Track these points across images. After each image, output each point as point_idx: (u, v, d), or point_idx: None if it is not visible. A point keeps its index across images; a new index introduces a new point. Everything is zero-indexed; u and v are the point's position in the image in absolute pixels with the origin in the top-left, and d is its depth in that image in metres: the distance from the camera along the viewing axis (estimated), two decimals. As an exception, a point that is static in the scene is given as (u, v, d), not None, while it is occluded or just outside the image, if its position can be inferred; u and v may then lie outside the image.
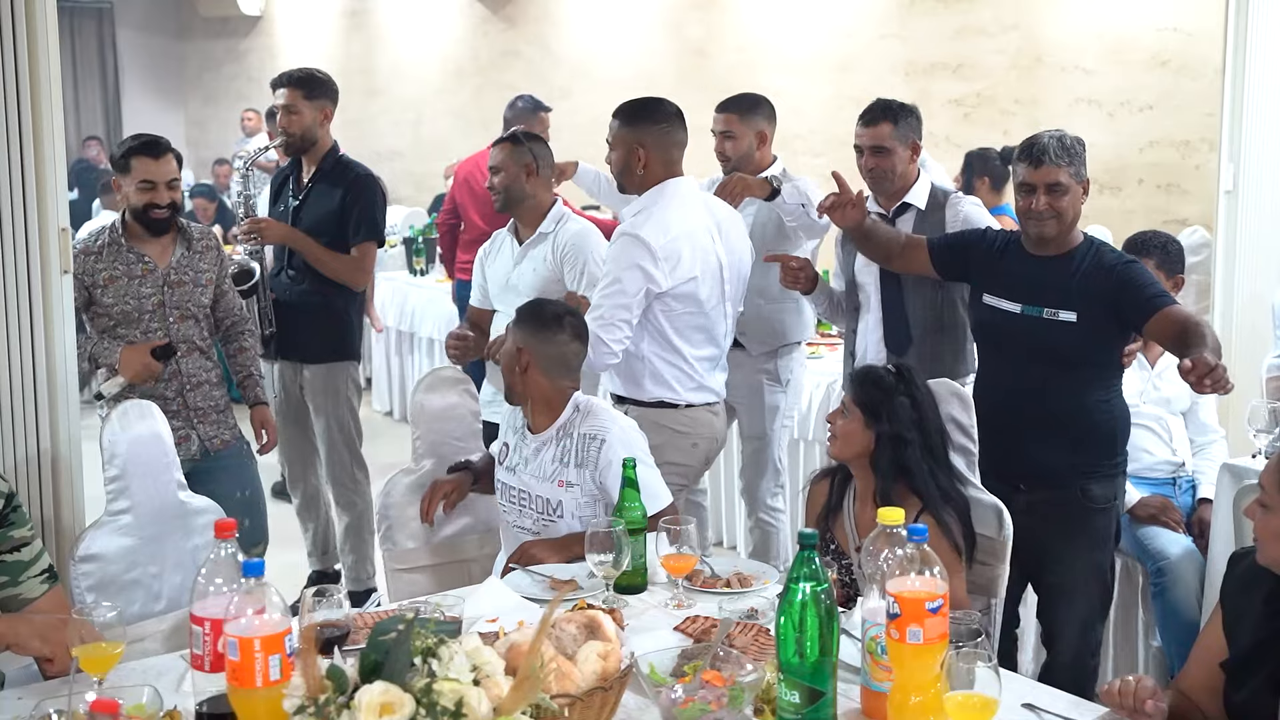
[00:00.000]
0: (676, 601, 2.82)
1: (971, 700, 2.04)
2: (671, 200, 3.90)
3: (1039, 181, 3.45)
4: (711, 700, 2.08)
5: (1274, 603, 2.27)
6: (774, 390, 4.68)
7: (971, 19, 8.12)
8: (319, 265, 4.86)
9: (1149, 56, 7.27)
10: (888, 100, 4.13)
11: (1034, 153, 3.47)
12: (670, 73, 10.04)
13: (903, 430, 3.09)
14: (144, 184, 4.05)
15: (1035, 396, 3.48)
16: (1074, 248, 3.53)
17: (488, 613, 2.64)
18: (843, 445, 3.13)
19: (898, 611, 2.10)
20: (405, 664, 1.87)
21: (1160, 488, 4.15)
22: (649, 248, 3.79)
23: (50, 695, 2.20)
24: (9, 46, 3.41)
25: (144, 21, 15.67)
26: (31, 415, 3.51)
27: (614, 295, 3.78)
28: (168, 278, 4.12)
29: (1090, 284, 3.45)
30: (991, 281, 3.62)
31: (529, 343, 3.32)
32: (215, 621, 2.07)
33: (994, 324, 3.61)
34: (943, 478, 3.11)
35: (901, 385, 3.14)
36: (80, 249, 4.05)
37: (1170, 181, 7.27)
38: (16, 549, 2.67)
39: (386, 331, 8.38)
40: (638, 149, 3.90)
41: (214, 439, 4.18)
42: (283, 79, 4.93)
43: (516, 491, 3.36)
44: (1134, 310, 3.43)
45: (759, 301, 4.55)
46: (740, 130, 4.61)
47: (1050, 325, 3.47)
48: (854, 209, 3.81)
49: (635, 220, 3.88)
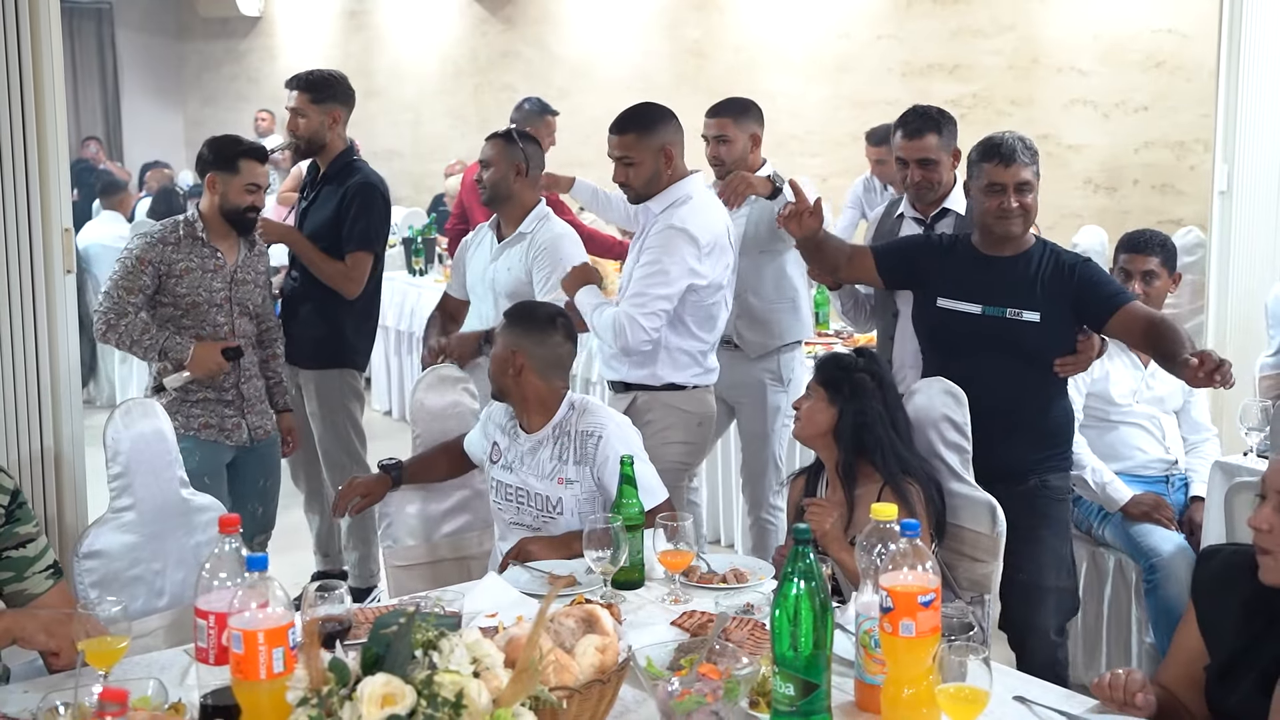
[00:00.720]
0: (674, 597, 2.85)
1: (963, 692, 2.07)
2: (703, 194, 4.03)
3: (1010, 181, 3.46)
4: (707, 693, 2.11)
5: (1253, 605, 2.29)
6: (776, 390, 4.71)
7: (968, 20, 8.15)
8: (313, 269, 4.86)
9: (1144, 58, 7.31)
10: (925, 108, 4.10)
11: (1003, 152, 3.47)
12: (668, 74, 10.08)
13: (864, 403, 3.19)
14: (251, 186, 4.27)
15: (995, 396, 3.46)
16: (1029, 247, 3.56)
17: (487, 608, 2.67)
18: (806, 424, 3.25)
19: (890, 605, 2.13)
20: (406, 656, 1.90)
21: (1153, 486, 4.18)
22: (697, 241, 3.88)
23: (56, 688, 2.22)
24: (13, 48, 3.44)
25: (143, 22, 15.68)
26: (35, 413, 3.55)
27: (658, 284, 3.86)
28: (235, 275, 4.30)
29: (1052, 284, 3.49)
30: (945, 285, 3.60)
31: (522, 345, 3.34)
32: (219, 615, 2.09)
33: (950, 326, 3.59)
34: (904, 451, 3.19)
35: (863, 363, 3.26)
36: (158, 238, 4.21)
37: (1165, 182, 7.31)
38: (22, 545, 2.70)
39: (386, 331, 8.40)
40: (663, 152, 3.96)
41: (259, 428, 4.38)
42: (292, 81, 4.94)
43: (514, 489, 3.38)
44: (1096, 307, 3.50)
45: (753, 302, 4.60)
46: (735, 134, 4.64)
47: (1013, 325, 3.49)
48: (811, 217, 3.73)
49: (679, 214, 3.92)
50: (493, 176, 4.33)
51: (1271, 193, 5.23)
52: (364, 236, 4.81)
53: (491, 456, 3.47)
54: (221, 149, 4.31)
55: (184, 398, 4.20)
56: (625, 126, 3.98)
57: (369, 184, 4.86)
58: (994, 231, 3.54)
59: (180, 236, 4.23)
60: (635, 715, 2.28)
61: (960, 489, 3.30)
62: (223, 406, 4.27)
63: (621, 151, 3.98)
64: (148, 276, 4.15)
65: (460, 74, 12.15)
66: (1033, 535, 3.53)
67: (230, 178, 4.24)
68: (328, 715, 1.84)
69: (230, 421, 4.28)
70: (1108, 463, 4.13)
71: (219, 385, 4.25)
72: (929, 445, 3.36)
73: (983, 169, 3.51)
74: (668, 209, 3.94)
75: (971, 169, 3.58)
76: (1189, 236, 6.20)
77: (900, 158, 4.08)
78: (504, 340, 3.38)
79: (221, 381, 4.25)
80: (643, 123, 3.98)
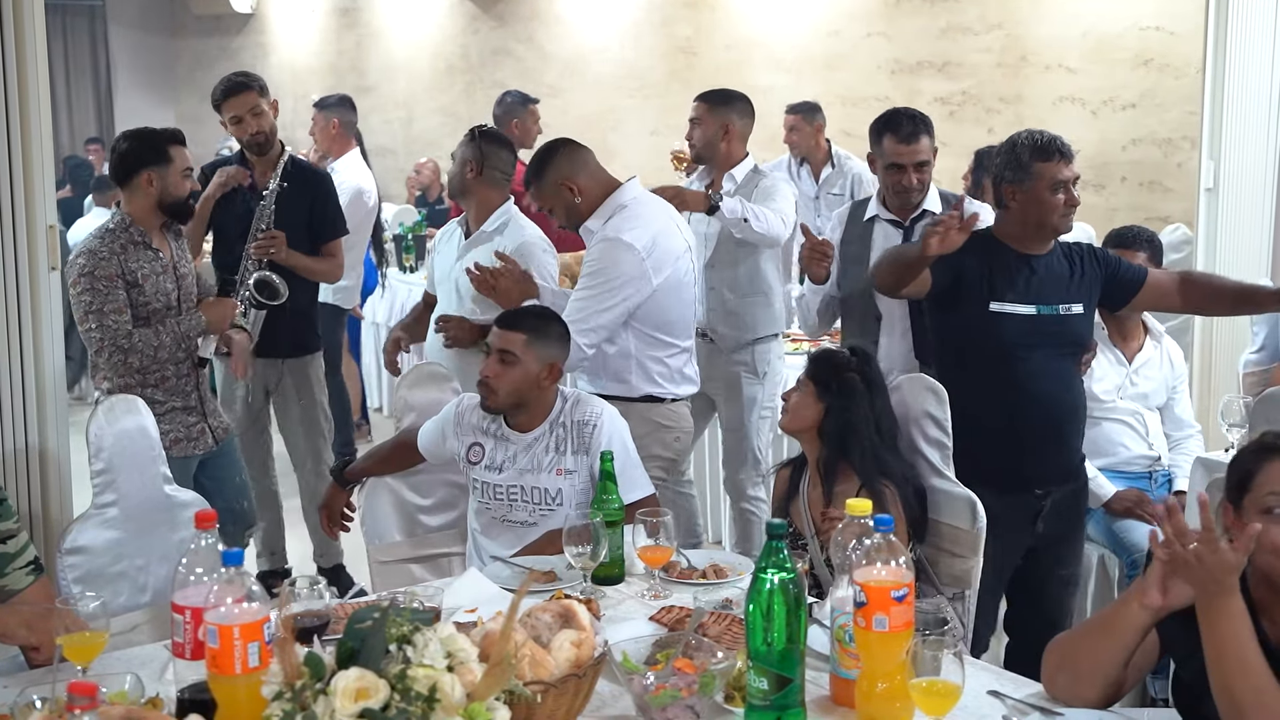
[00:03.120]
0: (653, 592, 2.86)
1: (936, 687, 2.09)
2: (639, 198, 4.00)
3: (1069, 177, 3.48)
4: (683, 687, 2.13)
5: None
6: (751, 382, 4.74)
7: (957, 18, 8.16)
8: (307, 273, 4.95)
9: (1132, 55, 7.32)
10: (912, 111, 4.11)
11: (1062, 148, 3.50)
12: (659, 71, 10.08)
13: (851, 402, 3.20)
14: (186, 171, 4.17)
15: (1054, 395, 3.54)
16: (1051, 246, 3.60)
17: (466, 603, 2.68)
18: (792, 417, 3.26)
19: (864, 600, 2.15)
20: (380, 651, 1.91)
21: (1136, 482, 4.20)
22: (633, 248, 3.84)
23: (34, 683, 2.24)
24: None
25: (136, 19, 15.65)
26: (19, 410, 3.55)
27: (597, 299, 3.82)
28: (176, 269, 4.20)
29: (1084, 273, 3.56)
30: (995, 288, 3.51)
31: (558, 356, 3.37)
32: (196, 610, 2.11)
33: (1007, 331, 3.50)
34: (885, 455, 3.20)
35: (855, 363, 3.27)
36: (108, 251, 4.02)
37: (1153, 179, 7.32)
38: (2, 541, 2.71)
39: (376, 328, 8.40)
40: (566, 186, 3.95)
41: (219, 428, 4.33)
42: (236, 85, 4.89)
43: (505, 488, 3.36)
44: (1127, 284, 3.62)
45: (727, 295, 4.63)
46: (706, 120, 4.70)
47: (1065, 320, 3.54)
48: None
49: (613, 224, 3.90)
50: (453, 170, 4.43)
51: (1258, 190, 5.24)
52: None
53: (470, 458, 3.42)
54: (148, 142, 4.15)
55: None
56: (526, 184, 4.09)
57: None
58: (1056, 228, 3.52)
59: (125, 244, 4.04)
60: (612, 709, 2.30)
61: (941, 485, 3.32)
62: (187, 414, 4.17)
63: (537, 204, 4.09)
64: (120, 289, 3.99)
65: (452, 71, 12.15)
66: (1076, 533, 3.68)
67: (165, 169, 4.08)
68: (302, 709, 1.86)
69: (195, 429, 4.19)
70: (1091, 458, 4.12)
71: (183, 391, 4.15)
72: (910, 442, 3.37)
73: (1044, 167, 3.47)
74: (608, 221, 3.93)
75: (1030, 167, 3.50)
76: (1176, 234, 6.21)
77: (895, 163, 4.04)
78: (535, 356, 3.31)
79: (184, 387, 4.16)
80: (534, 172, 4.02)
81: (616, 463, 3.11)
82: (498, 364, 3.31)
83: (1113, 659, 2.28)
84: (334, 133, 6.60)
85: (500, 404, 3.33)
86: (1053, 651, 2.37)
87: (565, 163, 3.98)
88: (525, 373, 3.30)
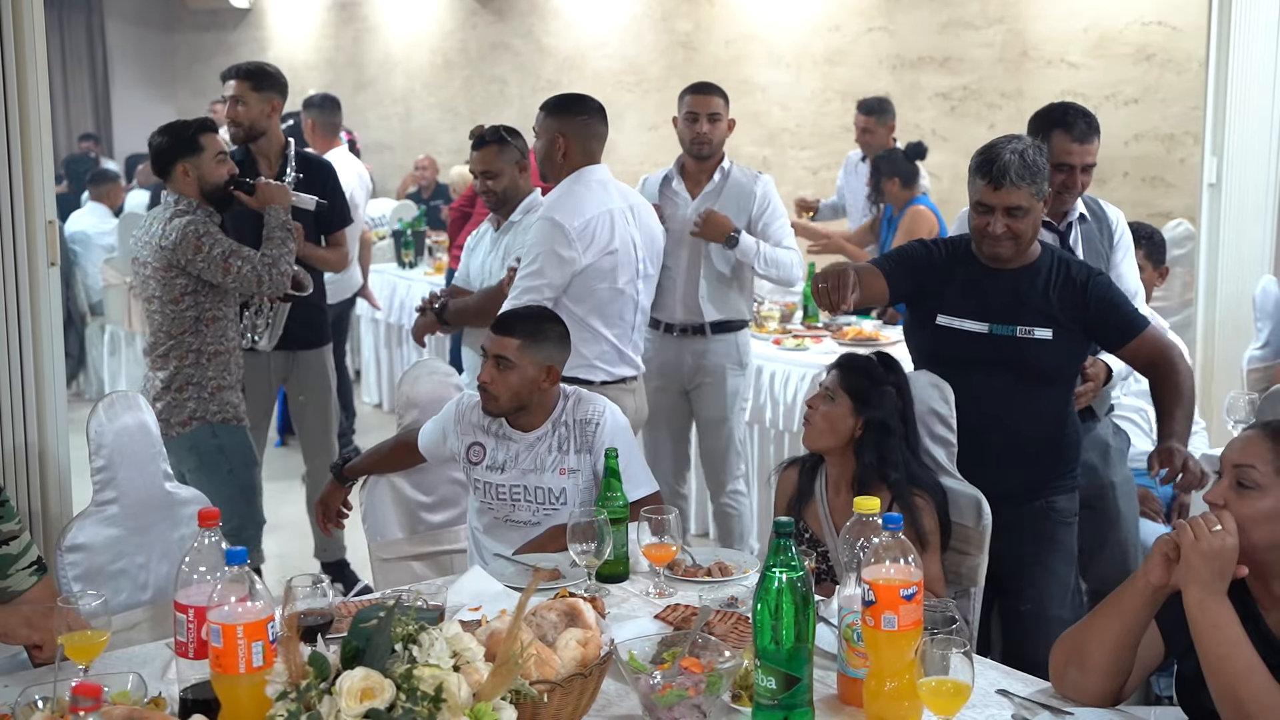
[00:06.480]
0: (658, 590, 2.85)
1: (944, 686, 2.07)
2: (589, 184, 4.09)
3: (998, 204, 3.19)
4: (689, 686, 2.11)
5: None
6: (735, 374, 4.76)
7: (958, 13, 8.15)
8: (319, 264, 4.96)
9: (1134, 50, 7.30)
10: (1080, 107, 3.76)
11: (994, 173, 3.17)
12: (658, 66, 10.06)
13: (888, 418, 3.13)
14: (220, 156, 4.22)
15: (1002, 415, 3.29)
16: (1035, 259, 3.32)
17: (470, 601, 2.67)
18: (825, 432, 3.14)
19: (873, 599, 2.13)
20: (386, 650, 1.90)
21: (1139, 478, 4.18)
22: (564, 229, 3.95)
23: (36, 682, 2.23)
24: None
25: (133, 14, 15.63)
26: (19, 407, 3.53)
27: (531, 277, 3.96)
28: None
29: (1063, 299, 3.28)
30: (946, 301, 3.33)
31: (555, 357, 3.34)
32: (199, 609, 2.09)
33: (952, 345, 3.33)
34: (915, 467, 3.16)
35: (890, 376, 3.21)
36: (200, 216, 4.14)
37: (1155, 175, 7.31)
38: (4, 543, 2.69)
39: (376, 324, 8.40)
40: (559, 138, 4.09)
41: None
42: (230, 71, 4.93)
43: (508, 488, 3.34)
44: (1114, 333, 3.32)
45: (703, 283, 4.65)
46: (725, 113, 4.73)
47: (1024, 344, 3.26)
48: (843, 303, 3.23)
49: (552, 204, 4.05)
50: (502, 183, 4.43)
51: (1260, 186, 5.24)
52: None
53: (470, 457, 3.40)
54: (178, 134, 4.21)
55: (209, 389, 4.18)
56: (540, 106, 4.22)
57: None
58: (981, 250, 3.30)
59: (197, 207, 4.16)
60: (618, 709, 2.28)
61: (946, 482, 3.28)
62: (237, 392, 4.27)
63: (535, 125, 4.19)
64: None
65: (450, 66, 12.13)
66: (1038, 562, 3.36)
67: (198, 158, 4.15)
68: (306, 709, 1.84)
69: (241, 409, 4.30)
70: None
71: (235, 371, 4.25)
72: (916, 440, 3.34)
73: (975, 182, 3.24)
74: (553, 200, 4.07)
75: (970, 178, 3.29)
76: (1178, 229, 6.20)
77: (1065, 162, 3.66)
78: (532, 359, 3.27)
79: (234, 365, 4.25)
80: (549, 106, 4.18)
81: (620, 460, 3.09)
82: (494, 369, 3.28)
83: (1121, 641, 2.28)
84: (314, 132, 6.84)
85: (502, 408, 3.31)
86: (1061, 645, 2.36)
87: (580, 123, 4.14)
88: (522, 377, 3.27)
